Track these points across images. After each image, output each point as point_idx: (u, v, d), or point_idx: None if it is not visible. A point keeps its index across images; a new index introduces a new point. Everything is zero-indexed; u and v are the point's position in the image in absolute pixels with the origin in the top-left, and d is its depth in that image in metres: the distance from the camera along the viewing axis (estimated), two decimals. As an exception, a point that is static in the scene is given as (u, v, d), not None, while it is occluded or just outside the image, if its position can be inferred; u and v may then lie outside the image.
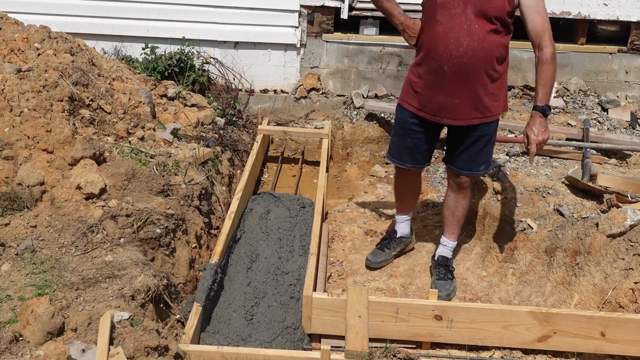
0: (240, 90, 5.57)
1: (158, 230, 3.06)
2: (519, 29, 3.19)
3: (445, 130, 3.45)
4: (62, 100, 3.43)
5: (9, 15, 4.10)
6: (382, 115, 5.35)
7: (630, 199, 3.63)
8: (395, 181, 3.84)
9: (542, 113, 3.14)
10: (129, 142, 3.62)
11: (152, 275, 2.70)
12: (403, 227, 3.83)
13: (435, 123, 3.30)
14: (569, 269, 3.43)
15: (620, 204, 3.53)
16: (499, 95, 3.23)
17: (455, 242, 3.65)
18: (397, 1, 3.30)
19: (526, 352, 3.09)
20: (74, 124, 3.40)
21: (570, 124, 5.10)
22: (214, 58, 5.47)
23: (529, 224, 3.72)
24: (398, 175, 3.74)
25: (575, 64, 5.62)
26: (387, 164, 5.19)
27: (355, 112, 5.48)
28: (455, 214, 3.54)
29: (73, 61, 3.76)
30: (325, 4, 5.45)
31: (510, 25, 3.11)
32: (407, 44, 3.34)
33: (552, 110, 5.33)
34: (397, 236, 3.83)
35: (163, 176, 3.44)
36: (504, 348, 3.09)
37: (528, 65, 5.62)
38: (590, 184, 3.85)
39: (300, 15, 5.46)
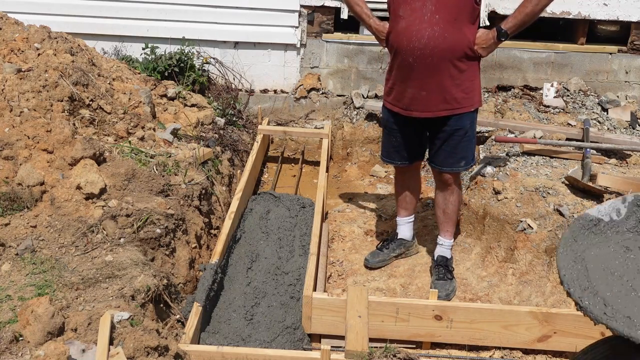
0: (240, 90, 5.57)
1: (158, 230, 3.06)
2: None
3: None
4: (62, 100, 3.43)
5: (9, 15, 4.10)
6: (382, 115, 5.35)
7: (630, 199, 3.62)
8: (394, 180, 3.87)
9: (497, 32, 3.13)
10: (129, 142, 3.62)
11: (152, 275, 2.70)
12: (404, 229, 3.83)
13: (411, 118, 3.34)
14: (569, 269, 3.43)
15: (620, 204, 3.53)
16: (470, 88, 3.23)
17: (452, 240, 3.65)
18: (378, 5, 3.38)
19: (526, 352, 3.09)
20: (74, 124, 3.40)
21: (570, 124, 5.10)
22: (214, 58, 5.47)
23: (529, 224, 3.72)
24: (396, 173, 3.82)
25: (575, 64, 5.62)
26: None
27: (355, 112, 5.48)
28: (446, 211, 3.56)
29: (73, 61, 3.76)
30: (325, 4, 5.45)
31: (475, 14, 3.12)
32: None
33: (553, 110, 5.32)
34: (398, 237, 3.83)
35: (163, 176, 3.44)
36: (504, 348, 3.09)
37: (528, 65, 5.62)
38: (590, 184, 3.85)
39: (300, 15, 5.46)
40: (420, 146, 3.53)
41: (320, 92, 5.67)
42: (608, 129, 5.09)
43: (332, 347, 2.57)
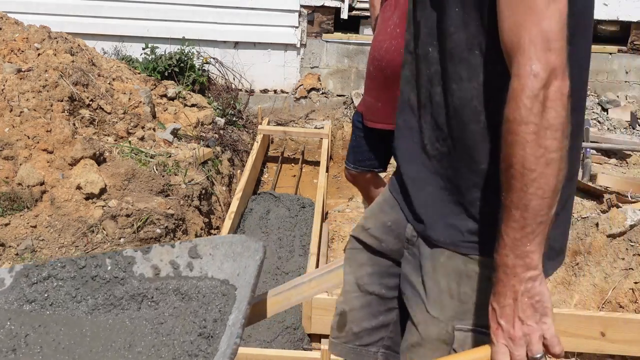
0: (240, 90, 5.57)
1: (158, 230, 3.06)
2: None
3: None
4: (62, 100, 3.43)
5: (9, 15, 4.10)
6: (382, 115, 5.35)
7: (630, 199, 3.63)
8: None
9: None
10: (129, 142, 3.62)
11: (152, 275, 2.71)
12: None
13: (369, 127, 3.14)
14: (569, 269, 3.43)
15: (620, 204, 3.53)
16: None
17: None
18: None
19: (526, 352, 3.09)
20: (74, 124, 3.40)
21: (570, 124, 5.11)
22: (214, 58, 5.47)
23: (529, 224, 3.72)
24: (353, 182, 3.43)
25: (575, 64, 5.62)
26: (387, 164, 5.19)
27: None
28: None
29: (73, 61, 3.76)
30: (325, 4, 5.45)
31: None
32: None
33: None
34: None
35: (163, 176, 3.44)
36: (504, 348, 3.08)
37: (528, 65, 5.63)
38: (590, 184, 3.85)
39: (300, 15, 5.46)
40: (382, 156, 3.23)
41: (320, 92, 5.67)
42: (608, 129, 5.09)
43: (332, 347, 2.56)
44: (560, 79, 1.01)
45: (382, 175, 5.27)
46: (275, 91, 5.72)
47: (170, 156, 3.71)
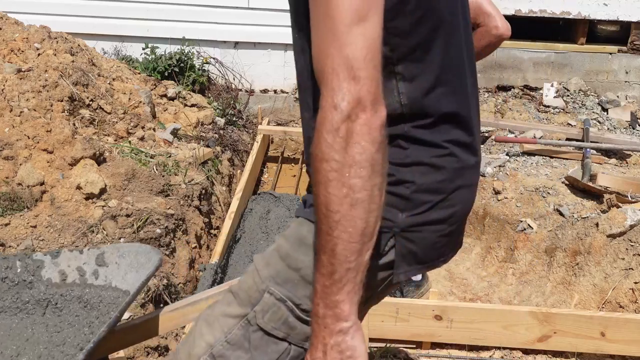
0: (240, 90, 5.57)
1: (158, 230, 3.06)
2: (520, 28, 3.18)
3: None
4: (62, 100, 3.43)
5: (9, 15, 4.10)
6: (382, 115, 5.34)
7: (630, 199, 3.63)
8: None
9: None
10: (129, 142, 3.62)
11: (152, 275, 2.70)
12: None
13: None
14: (569, 269, 3.43)
15: (620, 204, 3.53)
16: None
17: None
18: None
19: (526, 352, 3.09)
20: (74, 124, 3.40)
21: (570, 124, 5.10)
22: (214, 58, 5.47)
23: (529, 224, 3.72)
24: None
25: (575, 64, 5.62)
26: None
27: (355, 112, 5.48)
28: None
29: (73, 61, 3.76)
30: (325, 4, 5.45)
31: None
32: None
33: (553, 110, 5.32)
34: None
35: (163, 176, 3.44)
36: (504, 348, 3.09)
37: (528, 65, 5.62)
38: (590, 184, 3.85)
39: (300, 15, 5.46)
40: None
41: (320, 92, 5.67)
42: (608, 129, 5.09)
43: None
44: (369, 110, 0.91)
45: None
46: (275, 91, 5.72)
47: (170, 156, 3.71)
